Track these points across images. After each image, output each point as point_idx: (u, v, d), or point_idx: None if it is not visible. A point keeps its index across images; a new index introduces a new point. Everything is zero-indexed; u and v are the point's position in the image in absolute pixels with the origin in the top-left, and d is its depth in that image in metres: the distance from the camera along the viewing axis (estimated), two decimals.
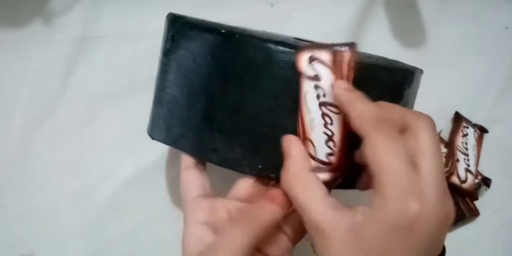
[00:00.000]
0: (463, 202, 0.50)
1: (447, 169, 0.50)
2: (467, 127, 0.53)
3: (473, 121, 0.55)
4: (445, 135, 0.54)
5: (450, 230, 0.52)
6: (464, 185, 0.50)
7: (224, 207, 0.33)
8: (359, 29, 0.57)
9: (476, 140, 0.53)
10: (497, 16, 0.60)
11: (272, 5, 0.56)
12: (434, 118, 0.55)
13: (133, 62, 0.46)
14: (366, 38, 0.57)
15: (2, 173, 0.49)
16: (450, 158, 0.51)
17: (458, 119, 0.54)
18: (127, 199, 0.49)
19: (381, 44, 0.57)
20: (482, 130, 0.54)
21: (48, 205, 0.49)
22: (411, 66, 0.38)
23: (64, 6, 0.54)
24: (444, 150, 0.52)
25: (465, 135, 0.53)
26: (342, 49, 0.29)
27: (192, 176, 0.34)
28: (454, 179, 0.50)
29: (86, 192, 0.49)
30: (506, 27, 0.59)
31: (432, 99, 0.56)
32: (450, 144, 0.52)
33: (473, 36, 0.59)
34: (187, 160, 0.35)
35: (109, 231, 0.48)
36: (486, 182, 0.52)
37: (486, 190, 0.53)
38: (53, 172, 0.49)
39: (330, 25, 0.56)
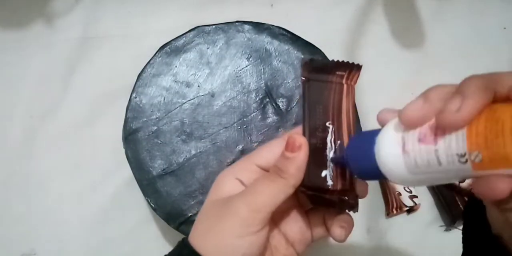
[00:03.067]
0: (461, 201, 0.51)
1: None
2: None
3: None
4: None
5: (449, 230, 0.52)
6: (463, 185, 0.50)
7: (257, 173, 0.33)
8: (359, 29, 0.57)
9: None
10: (495, 17, 0.60)
11: (272, 5, 0.57)
12: None
13: (133, 62, 0.47)
14: (366, 38, 0.57)
15: (4, 173, 0.49)
16: None
17: None
18: (127, 199, 0.49)
19: (380, 44, 0.57)
20: None
21: (50, 205, 0.49)
22: None
23: (65, 7, 0.54)
24: None
25: None
26: None
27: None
28: None
29: (87, 191, 0.49)
30: (505, 28, 0.60)
31: None
32: None
33: (472, 36, 0.59)
34: None
35: (109, 231, 0.49)
36: None
37: None
38: (55, 172, 0.50)
39: (330, 25, 0.56)
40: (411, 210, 0.52)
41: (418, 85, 0.57)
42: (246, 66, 0.47)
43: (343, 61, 0.32)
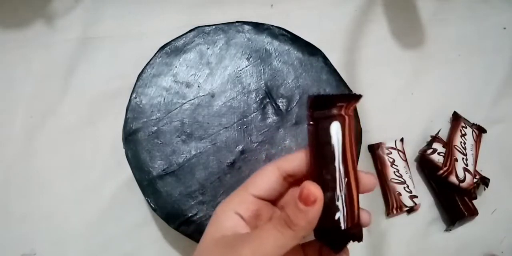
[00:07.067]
0: (461, 201, 0.51)
1: (445, 168, 0.50)
2: (466, 127, 0.53)
3: (472, 121, 0.55)
4: (444, 135, 0.54)
5: (449, 230, 0.52)
6: (463, 185, 0.50)
7: (255, 204, 0.32)
8: (359, 29, 0.57)
9: (474, 140, 0.53)
10: (495, 17, 0.60)
11: (272, 5, 0.57)
12: (432, 118, 0.55)
13: (133, 62, 0.47)
14: (365, 38, 0.57)
15: (4, 173, 0.49)
16: (449, 158, 0.51)
17: (456, 119, 0.54)
18: (127, 199, 0.49)
19: (380, 44, 0.57)
20: (480, 130, 0.54)
21: (50, 205, 0.49)
22: None
23: (65, 7, 0.54)
24: (442, 149, 0.52)
25: (463, 135, 0.53)
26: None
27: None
28: (453, 179, 0.50)
29: (87, 192, 0.49)
30: (504, 28, 0.60)
31: (431, 99, 0.56)
32: (448, 144, 0.52)
33: (472, 36, 0.59)
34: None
35: (109, 231, 0.49)
36: (484, 181, 0.52)
37: (484, 189, 0.53)
38: (55, 172, 0.50)
39: (330, 25, 0.57)
40: (411, 210, 0.52)
41: (418, 85, 0.58)
42: (246, 67, 0.47)
43: (344, 94, 0.31)
